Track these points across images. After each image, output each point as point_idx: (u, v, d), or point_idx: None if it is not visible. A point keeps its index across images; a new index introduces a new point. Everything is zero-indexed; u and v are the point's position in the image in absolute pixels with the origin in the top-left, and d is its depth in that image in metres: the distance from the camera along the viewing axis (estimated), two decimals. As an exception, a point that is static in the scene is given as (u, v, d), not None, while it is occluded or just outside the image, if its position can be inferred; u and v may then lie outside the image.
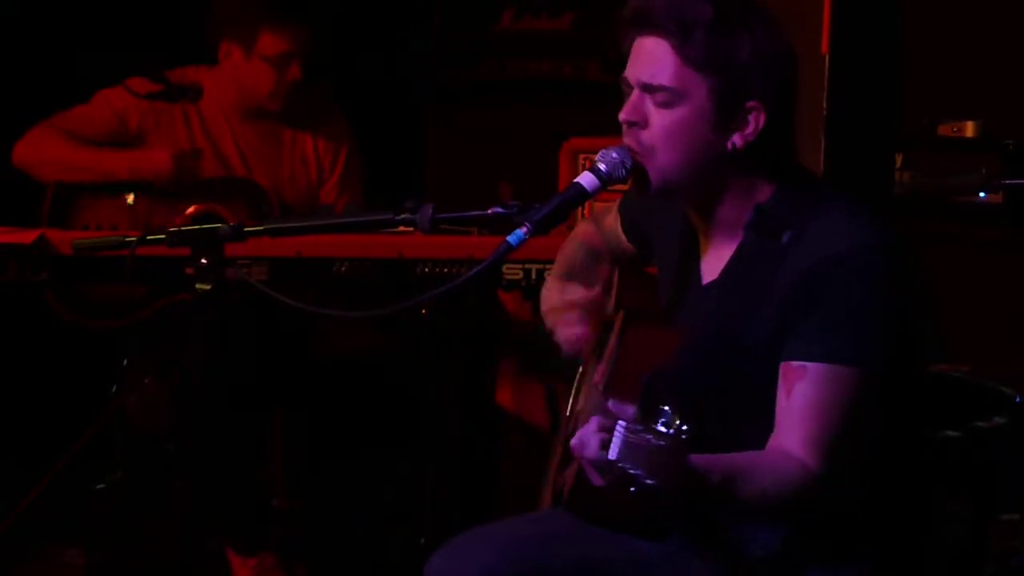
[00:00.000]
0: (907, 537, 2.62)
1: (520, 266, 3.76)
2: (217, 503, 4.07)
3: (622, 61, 2.54)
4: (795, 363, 2.42)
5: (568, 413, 2.88)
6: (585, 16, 5.38)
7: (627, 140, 2.51)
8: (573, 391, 2.92)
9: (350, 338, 4.34)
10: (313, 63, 4.27)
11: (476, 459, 4.04)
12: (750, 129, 2.48)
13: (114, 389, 4.36)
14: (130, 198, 4.22)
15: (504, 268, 3.75)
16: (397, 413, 4.40)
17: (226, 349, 3.77)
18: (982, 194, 3.97)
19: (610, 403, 2.27)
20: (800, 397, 2.41)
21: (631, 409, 2.22)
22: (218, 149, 4.33)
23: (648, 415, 2.18)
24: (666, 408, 2.15)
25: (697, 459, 2.21)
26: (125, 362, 4.35)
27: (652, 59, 2.47)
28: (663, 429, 2.14)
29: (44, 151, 4.25)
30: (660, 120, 2.47)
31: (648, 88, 2.48)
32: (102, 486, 4.48)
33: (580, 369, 2.92)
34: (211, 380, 3.89)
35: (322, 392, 4.40)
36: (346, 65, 5.04)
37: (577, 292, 2.87)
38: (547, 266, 3.69)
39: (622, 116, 2.50)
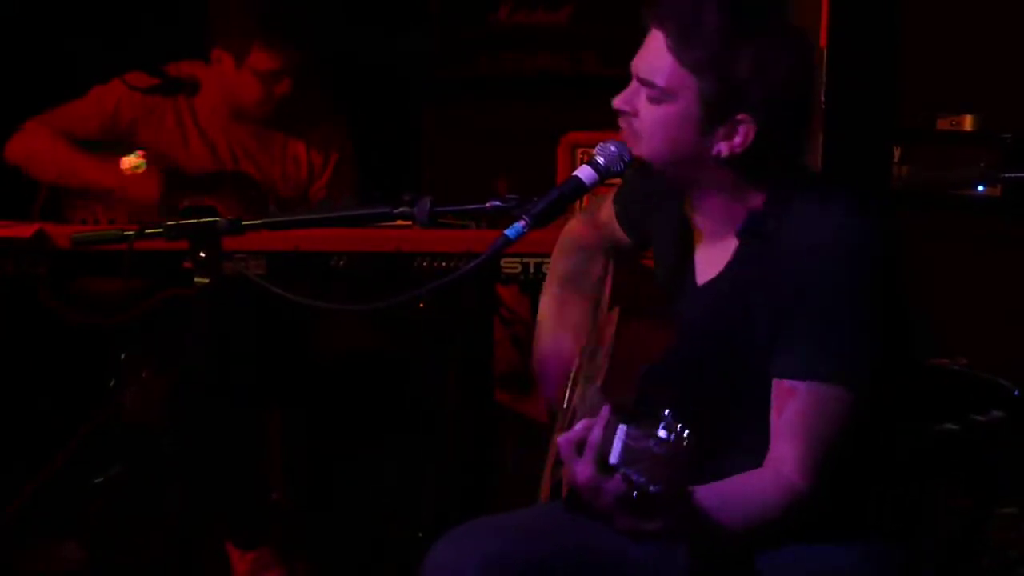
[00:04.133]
0: (896, 526, 2.61)
1: (518, 260, 3.75)
2: (216, 497, 4.07)
3: (634, 47, 2.56)
4: (787, 382, 2.44)
5: (564, 406, 2.88)
6: (583, 9, 5.37)
7: (620, 123, 2.56)
8: (569, 385, 2.91)
9: (348, 333, 4.33)
10: (306, 74, 4.26)
11: (474, 453, 4.04)
12: (738, 140, 2.48)
13: (112, 383, 4.36)
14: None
15: (502, 262, 3.75)
16: (395, 407, 4.40)
17: (225, 345, 3.77)
18: (980, 187, 3.96)
19: (604, 409, 2.25)
20: (792, 415, 2.43)
21: (626, 410, 2.21)
22: (210, 144, 4.33)
23: (648, 419, 2.16)
24: (667, 412, 2.13)
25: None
26: (123, 356, 4.35)
27: (653, 55, 2.50)
28: (664, 435, 2.11)
29: (35, 153, 4.25)
30: (648, 114, 2.51)
31: (643, 83, 2.52)
32: (100, 481, 4.48)
33: (576, 363, 2.92)
34: (209, 375, 3.89)
35: (321, 387, 4.39)
36: (344, 60, 5.03)
37: (565, 341, 2.87)
38: (545, 260, 3.69)
39: (616, 103, 2.55)
